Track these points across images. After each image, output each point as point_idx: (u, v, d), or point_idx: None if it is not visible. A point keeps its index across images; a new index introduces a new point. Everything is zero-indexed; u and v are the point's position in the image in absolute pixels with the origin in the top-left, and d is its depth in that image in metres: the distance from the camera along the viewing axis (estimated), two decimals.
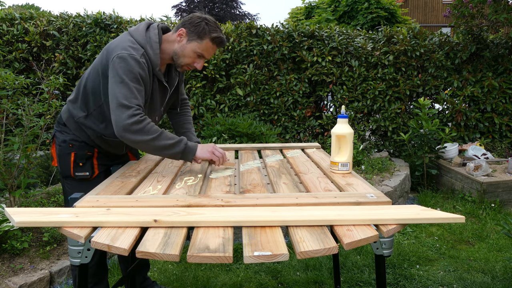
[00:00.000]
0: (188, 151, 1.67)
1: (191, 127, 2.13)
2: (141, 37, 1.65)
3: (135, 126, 1.55)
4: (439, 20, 23.23)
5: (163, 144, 1.60)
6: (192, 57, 1.70)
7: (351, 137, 1.67)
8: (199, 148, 1.71)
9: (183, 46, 1.68)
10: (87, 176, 1.78)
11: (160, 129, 1.61)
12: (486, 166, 3.83)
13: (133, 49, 1.60)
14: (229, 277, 2.52)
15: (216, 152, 1.75)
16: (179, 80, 1.94)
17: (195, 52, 1.68)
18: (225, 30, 4.53)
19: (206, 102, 4.46)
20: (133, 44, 1.62)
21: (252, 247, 1.04)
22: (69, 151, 1.77)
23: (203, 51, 1.69)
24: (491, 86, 4.75)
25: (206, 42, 1.67)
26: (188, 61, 1.71)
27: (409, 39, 4.70)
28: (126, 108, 1.54)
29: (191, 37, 1.66)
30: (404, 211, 1.24)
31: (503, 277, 2.53)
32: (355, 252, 2.84)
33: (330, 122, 4.75)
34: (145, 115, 1.59)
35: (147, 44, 1.65)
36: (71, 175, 1.78)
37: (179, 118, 2.12)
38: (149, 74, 1.66)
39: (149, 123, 1.58)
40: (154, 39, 1.66)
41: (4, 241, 2.51)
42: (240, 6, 23.31)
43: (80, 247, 1.15)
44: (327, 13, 11.48)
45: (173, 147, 1.63)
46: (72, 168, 1.77)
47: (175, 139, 1.64)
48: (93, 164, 1.80)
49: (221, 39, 1.69)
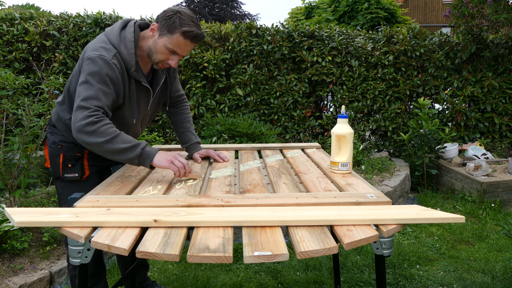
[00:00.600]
0: (146, 157, 1.56)
1: (190, 126, 2.08)
2: (115, 37, 1.60)
3: (89, 128, 1.48)
4: (439, 20, 23.23)
5: (118, 147, 1.51)
6: (164, 53, 1.60)
7: (351, 137, 1.67)
8: (158, 155, 1.57)
9: (155, 42, 1.60)
10: (77, 177, 1.74)
11: (116, 132, 1.53)
12: (486, 166, 3.83)
13: (104, 50, 1.56)
14: (229, 277, 2.52)
15: (176, 162, 1.58)
16: (169, 77, 1.88)
17: (166, 48, 1.59)
18: (225, 30, 4.53)
19: (206, 102, 4.46)
20: (105, 44, 1.58)
21: (252, 247, 1.04)
22: (59, 152, 1.74)
23: (175, 47, 1.58)
24: (491, 86, 4.75)
25: (177, 37, 1.56)
26: (161, 58, 1.62)
27: (409, 39, 4.70)
28: (83, 109, 1.50)
29: (162, 32, 1.58)
30: (404, 211, 1.24)
31: (503, 277, 2.53)
32: (355, 252, 2.84)
33: (330, 122, 4.75)
34: (103, 117, 1.52)
35: (121, 44, 1.59)
36: (60, 176, 1.75)
37: (178, 117, 2.08)
38: (123, 75, 1.60)
39: (104, 125, 1.50)
40: (129, 38, 1.60)
41: (4, 241, 2.51)
42: (240, 6, 23.30)
43: (80, 247, 1.15)
44: (327, 13, 11.49)
45: (128, 152, 1.53)
46: (61, 169, 1.74)
47: (131, 143, 1.54)
48: (83, 165, 1.76)
49: (194, 33, 1.57)
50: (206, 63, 4.37)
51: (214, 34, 4.51)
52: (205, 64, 4.36)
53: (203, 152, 2.04)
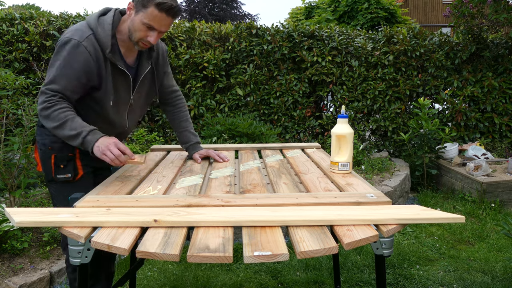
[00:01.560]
0: (87, 146, 1.54)
1: (188, 125, 2.05)
2: (93, 20, 1.60)
3: (44, 112, 1.50)
4: (439, 20, 23.22)
5: (66, 134, 1.52)
6: (142, 30, 1.57)
7: (351, 137, 1.67)
8: (96, 146, 1.53)
9: (133, 20, 1.58)
10: (69, 178, 1.70)
11: (67, 117, 1.52)
12: (486, 166, 3.83)
13: (77, 32, 1.55)
14: (229, 277, 2.52)
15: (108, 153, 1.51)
16: (157, 70, 1.85)
17: (143, 24, 1.56)
18: (225, 30, 4.53)
19: (206, 102, 4.46)
20: (81, 27, 1.58)
21: (252, 247, 1.04)
22: (50, 154, 1.70)
23: (151, 21, 1.55)
24: (491, 86, 4.75)
25: (152, 10, 1.54)
26: (140, 35, 1.59)
27: (409, 39, 4.70)
28: (42, 94, 1.52)
29: (137, 8, 1.56)
30: (404, 211, 1.24)
31: (503, 277, 2.53)
32: (355, 252, 2.84)
33: (330, 122, 4.75)
34: (58, 102, 1.52)
35: (99, 27, 1.58)
36: (53, 178, 1.71)
37: (175, 116, 2.05)
38: (98, 57, 1.58)
39: (56, 110, 1.50)
40: (107, 21, 1.60)
41: (4, 241, 2.51)
42: (240, 6, 23.31)
43: (80, 247, 1.15)
44: (327, 13, 11.48)
45: (74, 139, 1.53)
46: (53, 171, 1.70)
47: (76, 130, 1.52)
48: (75, 165, 1.72)
49: (168, 5, 1.54)
50: (206, 63, 4.36)
51: (214, 34, 4.51)
52: (205, 64, 4.36)
53: (203, 152, 2.03)
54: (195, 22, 4.55)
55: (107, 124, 1.73)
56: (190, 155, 2.05)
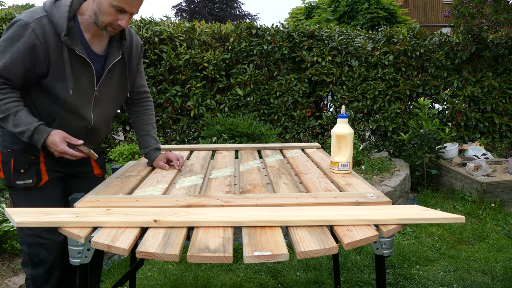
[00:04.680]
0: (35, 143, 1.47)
1: (151, 129, 1.88)
2: (49, 2, 1.48)
3: None
4: (439, 20, 23.23)
5: (10, 129, 1.45)
6: (111, 13, 1.44)
7: (351, 137, 1.67)
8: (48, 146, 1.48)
9: (100, 3, 1.44)
10: (30, 184, 1.54)
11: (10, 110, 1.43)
12: (486, 166, 3.83)
13: (28, 14, 1.44)
14: (229, 277, 2.52)
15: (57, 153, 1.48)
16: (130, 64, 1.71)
17: (113, 7, 1.43)
18: (225, 30, 4.53)
19: (206, 102, 4.46)
20: (35, 9, 1.47)
21: (252, 247, 1.04)
22: (9, 157, 1.54)
23: (121, 3, 1.42)
24: (491, 86, 4.75)
25: None
26: (109, 19, 1.46)
27: (409, 39, 4.70)
28: None
29: None
30: (404, 211, 1.24)
31: (503, 277, 2.53)
32: (355, 252, 2.84)
33: (330, 122, 4.75)
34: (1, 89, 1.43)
35: (54, 8, 1.46)
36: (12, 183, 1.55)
37: (139, 118, 1.88)
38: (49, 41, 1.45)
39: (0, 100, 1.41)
40: (65, 2, 1.47)
41: (4, 241, 2.51)
42: (240, 6, 23.32)
43: (80, 247, 1.15)
44: (327, 13, 11.49)
45: (21, 136, 1.46)
46: (12, 176, 1.54)
47: (20, 127, 1.43)
48: (39, 170, 1.56)
49: None
50: (206, 63, 4.36)
51: (214, 34, 4.51)
52: (205, 64, 4.36)
53: (162, 157, 1.86)
54: (195, 22, 4.55)
55: (70, 115, 1.57)
56: (150, 161, 1.87)
